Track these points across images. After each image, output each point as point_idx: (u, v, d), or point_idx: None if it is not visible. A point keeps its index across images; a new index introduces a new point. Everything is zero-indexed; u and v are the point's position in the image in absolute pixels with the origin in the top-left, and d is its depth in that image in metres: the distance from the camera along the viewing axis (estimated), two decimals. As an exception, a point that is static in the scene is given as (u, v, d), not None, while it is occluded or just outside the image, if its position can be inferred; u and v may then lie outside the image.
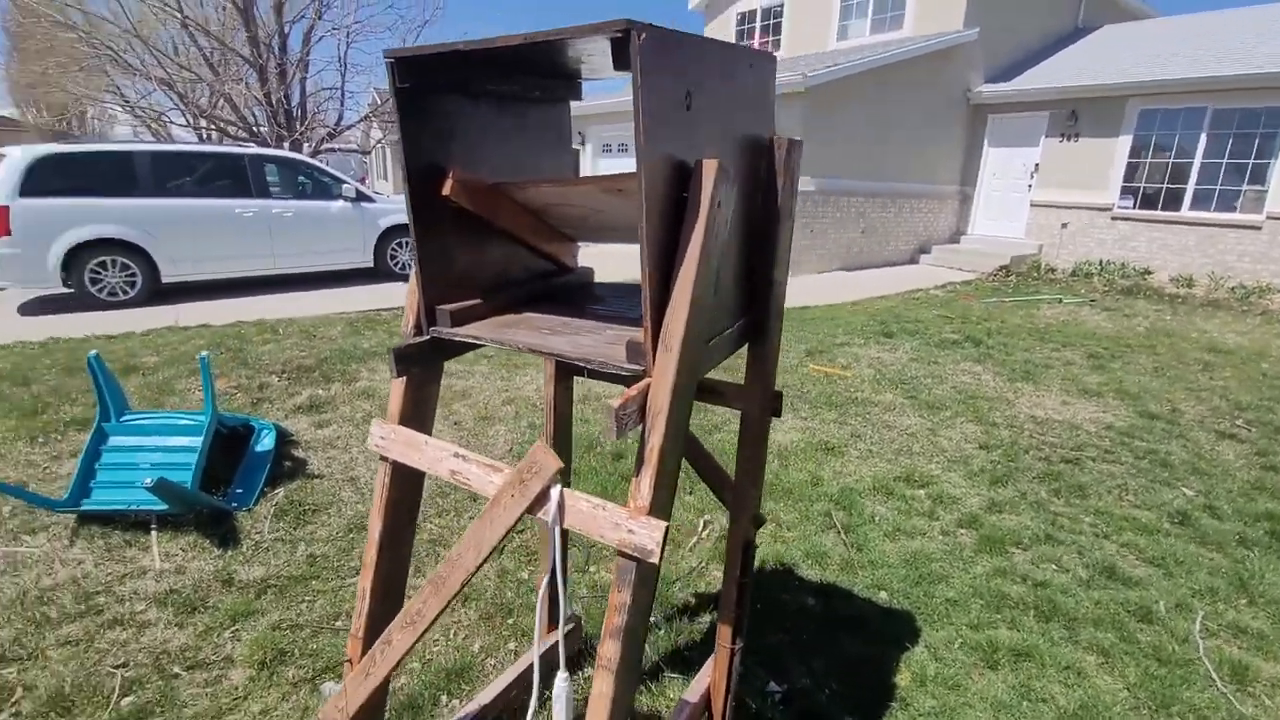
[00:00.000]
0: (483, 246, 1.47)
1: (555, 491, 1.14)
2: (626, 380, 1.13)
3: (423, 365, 1.39)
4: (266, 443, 3.66)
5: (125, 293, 7.63)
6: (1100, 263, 11.03)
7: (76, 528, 2.99)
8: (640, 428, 1.11)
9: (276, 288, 8.61)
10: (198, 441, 3.26)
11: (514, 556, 2.91)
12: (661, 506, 1.10)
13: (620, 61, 0.96)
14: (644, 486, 1.09)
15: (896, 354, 6.23)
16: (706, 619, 2.57)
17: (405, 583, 1.47)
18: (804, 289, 9.52)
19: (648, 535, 1.06)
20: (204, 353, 3.47)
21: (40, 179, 7.10)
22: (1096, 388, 5.37)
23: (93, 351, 3.30)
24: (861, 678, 2.29)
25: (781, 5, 14.37)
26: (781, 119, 10.20)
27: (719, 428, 4.32)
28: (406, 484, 1.41)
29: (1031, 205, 12.06)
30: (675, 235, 1.11)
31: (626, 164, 13.68)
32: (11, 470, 3.50)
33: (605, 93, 16.41)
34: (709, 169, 1.08)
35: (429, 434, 1.39)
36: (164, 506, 2.95)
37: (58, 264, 7.20)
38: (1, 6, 17.40)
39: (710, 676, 1.82)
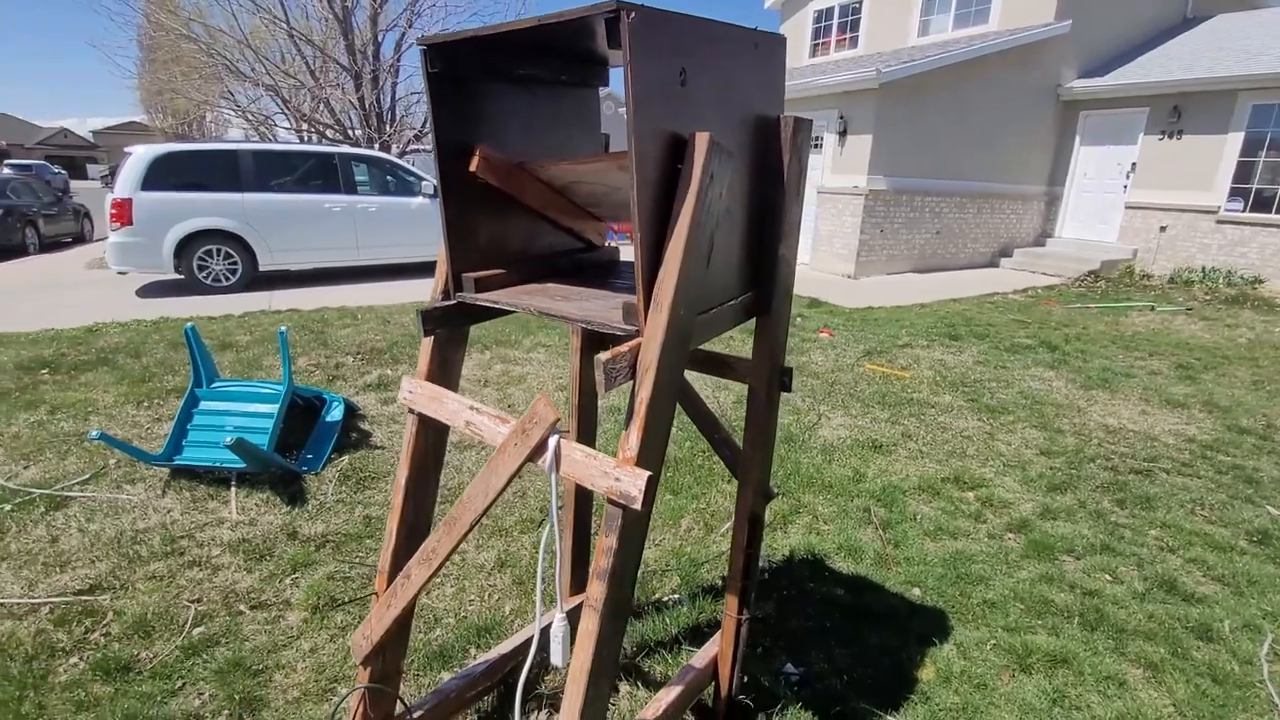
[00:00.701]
0: (508, 221, 1.58)
1: (553, 441, 1.23)
2: (622, 341, 1.21)
3: (449, 327, 1.52)
4: (336, 414, 3.95)
5: (227, 279, 8.33)
6: (1203, 269, 10.20)
7: (168, 480, 3.34)
8: (632, 384, 1.19)
9: (359, 278, 9.18)
10: (275, 409, 3.57)
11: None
12: (649, 458, 1.17)
13: (612, 41, 1.04)
14: (632, 438, 1.16)
15: (961, 357, 6.01)
16: (732, 601, 2.61)
17: (429, 526, 1.60)
18: (870, 290, 9.29)
19: (632, 483, 1.13)
20: (283, 328, 3.79)
21: (159, 175, 7.86)
22: (1182, 399, 5.01)
23: (190, 324, 3.66)
24: (883, 669, 2.27)
25: (860, 2, 14.02)
26: (854, 115, 10.01)
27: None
28: (431, 435, 1.54)
29: (1126, 207, 11.28)
30: (669, 205, 1.18)
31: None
32: (119, 429, 3.93)
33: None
34: (701, 141, 1.14)
35: (454, 391, 1.52)
36: (242, 464, 3.25)
37: (171, 252, 7.95)
38: (137, 23, 19.31)
39: (718, 646, 1.87)
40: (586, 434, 2.06)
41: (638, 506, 1.14)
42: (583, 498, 2.21)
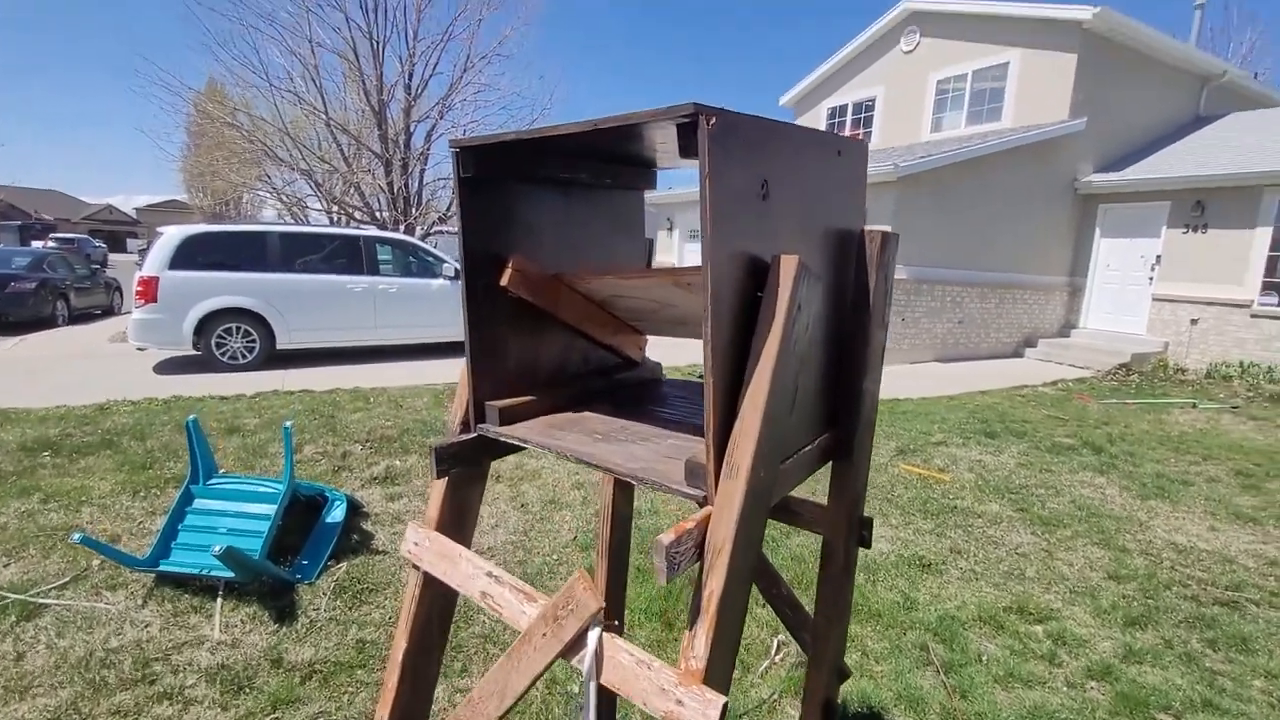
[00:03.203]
0: (540, 338, 1.37)
1: (593, 636, 0.96)
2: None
3: (467, 465, 1.28)
4: (337, 515, 3.67)
5: (244, 357, 8.25)
6: (1241, 364, 9.85)
7: (153, 587, 3.05)
8: (698, 566, 0.93)
9: (376, 357, 9.08)
10: (273, 510, 3.31)
11: (565, 666, 2.68)
12: (719, 672, 0.90)
13: (687, 149, 0.86)
14: (699, 643, 0.89)
15: (1001, 457, 5.66)
16: (778, 766, 2.22)
17: (427, 714, 1.30)
18: (896, 380, 9.03)
19: (700, 711, 0.85)
20: (288, 423, 3.58)
21: (187, 254, 7.94)
22: (1251, 512, 4.60)
23: (191, 416, 3.47)
24: None
25: (874, 100, 14.51)
26: (873, 208, 10.07)
27: (799, 530, 3.97)
28: (438, 598, 1.27)
29: (1154, 299, 11.09)
30: (746, 340, 0.96)
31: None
32: (110, 523, 3.68)
33: (694, 179, 16.91)
34: (788, 265, 0.94)
35: (468, 543, 1.26)
36: (231, 574, 2.96)
37: (191, 329, 7.92)
38: (186, 112, 20.41)
39: None
40: (618, 574, 1.78)
41: (706, 741, 0.85)
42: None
